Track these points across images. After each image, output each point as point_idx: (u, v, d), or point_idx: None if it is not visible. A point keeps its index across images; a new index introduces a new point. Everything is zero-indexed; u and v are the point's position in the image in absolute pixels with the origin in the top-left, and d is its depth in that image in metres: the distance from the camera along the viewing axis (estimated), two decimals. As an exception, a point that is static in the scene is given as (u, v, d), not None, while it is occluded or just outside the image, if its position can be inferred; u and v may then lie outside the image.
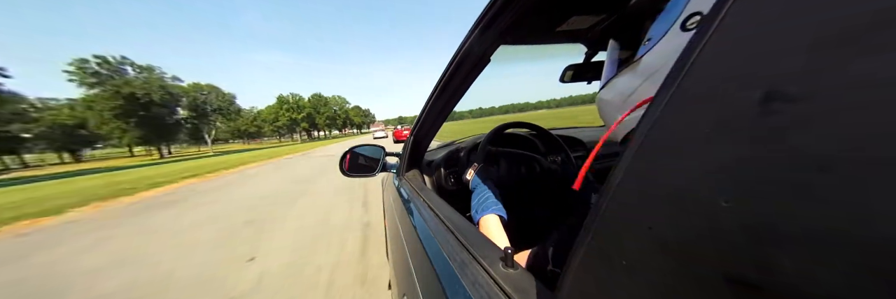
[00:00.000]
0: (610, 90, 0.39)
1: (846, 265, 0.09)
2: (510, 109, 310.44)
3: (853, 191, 0.09)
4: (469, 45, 0.59)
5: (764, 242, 0.11)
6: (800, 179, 0.10)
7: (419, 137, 0.98)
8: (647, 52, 0.32)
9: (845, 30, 0.10)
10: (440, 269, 0.43)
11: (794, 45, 0.11)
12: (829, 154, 0.10)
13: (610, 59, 0.43)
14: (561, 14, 0.59)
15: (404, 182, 1.02)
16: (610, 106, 0.38)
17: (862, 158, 0.09)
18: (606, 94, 0.40)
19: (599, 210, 0.18)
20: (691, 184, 0.14)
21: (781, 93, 0.11)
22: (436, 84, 0.75)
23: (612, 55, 0.43)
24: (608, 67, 0.43)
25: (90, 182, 9.79)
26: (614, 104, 0.37)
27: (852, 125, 0.09)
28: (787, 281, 0.11)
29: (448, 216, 0.58)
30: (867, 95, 0.09)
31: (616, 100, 0.37)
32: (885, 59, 0.09)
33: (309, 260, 2.07)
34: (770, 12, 0.12)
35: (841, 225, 0.09)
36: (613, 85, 0.38)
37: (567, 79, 1.03)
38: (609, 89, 0.39)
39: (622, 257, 0.17)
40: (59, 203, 5.56)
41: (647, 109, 0.16)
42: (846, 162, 0.09)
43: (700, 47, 0.14)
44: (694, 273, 0.14)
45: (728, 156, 0.12)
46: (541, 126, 1.02)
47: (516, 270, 0.35)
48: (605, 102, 0.40)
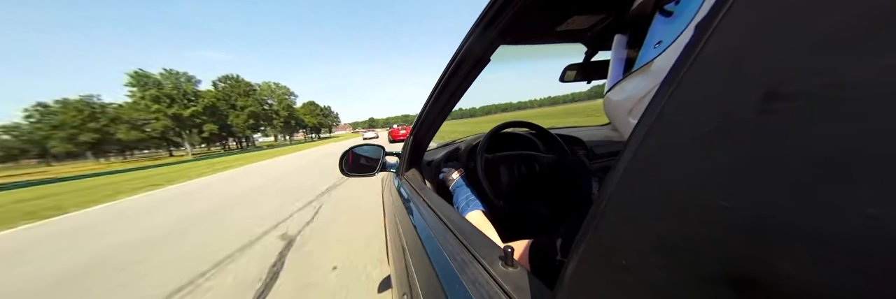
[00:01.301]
0: (620, 92, 0.39)
1: (847, 265, 0.09)
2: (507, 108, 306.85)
3: (853, 191, 0.09)
4: (469, 44, 0.59)
5: (764, 242, 0.11)
6: (800, 179, 0.10)
7: (419, 137, 0.98)
8: (660, 54, 0.32)
9: (846, 29, 0.10)
10: (440, 268, 0.44)
11: (794, 45, 0.11)
12: (830, 154, 0.10)
13: (616, 59, 0.43)
14: (561, 14, 0.59)
15: (404, 181, 1.02)
16: (619, 107, 0.38)
17: (862, 158, 0.09)
18: (616, 96, 0.39)
19: (599, 210, 0.18)
20: (691, 183, 0.14)
21: (782, 92, 0.11)
22: (436, 84, 0.75)
23: (618, 55, 0.42)
24: (615, 68, 0.42)
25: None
26: (624, 106, 0.37)
27: (852, 125, 0.09)
28: (787, 281, 0.11)
29: (448, 215, 0.58)
30: (867, 95, 0.09)
31: (626, 102, 0.37)
32: (886, 59, 0.09)
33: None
34: (770, 12, 0.12)
35: (841, 226, 0.09)
36: (623, 87, 0.38)
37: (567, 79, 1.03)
38: (619, 91, 0.39)
39: (622, 257, 0.17)
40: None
41: (647, 109, 0.16)
42: (846, 162, 0.09)
43: (700, 47, 0.14)
44: (694, 273, 0.14)
45: (728, 156, 0.12)
46: (540, 125, 1.02)
47: (516, 269, 0.35)
48: (615, 103, 0.40)
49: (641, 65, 0.35)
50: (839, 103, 0.10)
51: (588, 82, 1.02)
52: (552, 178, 0.89)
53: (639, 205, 0.16)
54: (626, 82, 0.37)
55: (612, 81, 0.42)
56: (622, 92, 0.38)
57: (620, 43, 0.43)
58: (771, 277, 0.11)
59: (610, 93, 0.41)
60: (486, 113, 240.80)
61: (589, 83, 1.02)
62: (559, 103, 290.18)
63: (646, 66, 0.34)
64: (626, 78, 0.38)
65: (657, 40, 0.33)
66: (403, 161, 1.09)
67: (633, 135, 0.17)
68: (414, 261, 0.56)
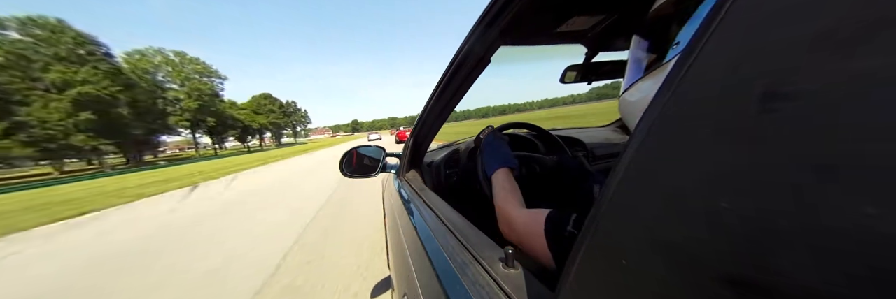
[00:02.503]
0: (635, 92, 0.39)
1: (846, 265, 0.09)
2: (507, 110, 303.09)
3: (853, 191, 0.09)
4: (469, 45, 0.59)
5: (763, 242, 0.11)
6: (799, 179, 0.10)
7: (419, 138, 0.98)
8: (676, 55, 0.32)
9: (845, 29, 0.10)
10: (440, 269, 0.43)
11: (794, 45, 0.11)
12: (829, 154, 0.10)
13: (633, 60, 0.43)
14: (561, 15, 0.59)
15: (404, 182, 1.02)
16: (635, 107, 0.38)
17: (862, 158, 0.09)
18: (631, 97, 0.39)
19: (599, 210, 0.18)
20: (691, 184, 0.14)
21: (781, 93, 0.11)
22: (436, 85, 0.76)
23: (635, 55, 0.42)
24: (632, 69, 0.42)
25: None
26: (640, 106, 0.37)
27: (852, 125, 0.09)
28: (787, 281, 0.11)
29: (448, 216, 0.58)
30: (867, 95, 0.09)
31: (641, 102, 0.37)
32: (885, 59, 0.09)
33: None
34: (769, 12, 0.12)
35: (841, 226, 0.09)
36: (639, 87, 0.38)
37: (568, 80, 1.03)
38: (635, 91, 0.39)
39: (622, 257, 0.17)
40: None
41: (648, 109, 0.16)
42: (846, 162, 0.09)
43: (700, 47, 0.14)
44: (694, 273, 0.14)
45: (728, 157, 0.12)
46: (540, 126, 1.01)
47: (516, 270, 0.35)
48: (630, 104, 0.40)
49: (659, 64, 0.35)
50: (839, 103, 0.10)
51: (588, 83, 1.02)
52: (553, 180, 0.89)
53: (639, 206, 0.16)
54: (642, 83, 0.38)
55: (629, 82, 0.42)
56: (638, 92, 0.38)
57: (638, 44, 0.42)
58: (770, 277, 0.11)
59: (626, 94, 0.41)
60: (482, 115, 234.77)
61: (589, 84, 1.02)
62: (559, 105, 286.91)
63: (661, 66, 0.34)
64: (642, 78, 0.38)
65: (676, 41, 0.33)
66: (404, 162, 1.09)
67: (634, 136, 0.17)
68: (414, 262, 0.56)
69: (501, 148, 0.70)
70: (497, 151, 0.69)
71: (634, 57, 0.42)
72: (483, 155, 0.72)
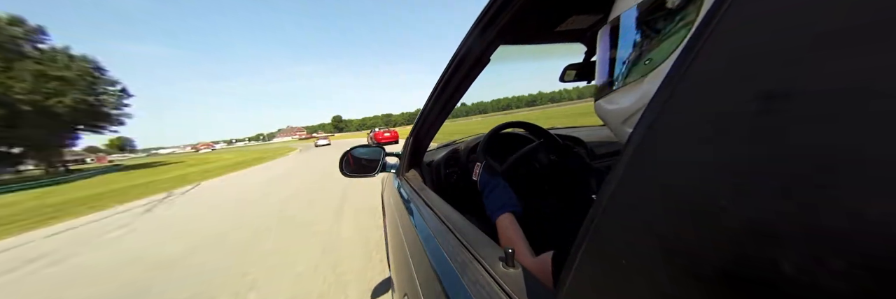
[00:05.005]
0: (612, 102, 0.36)
1: (846, 265, 0.09)
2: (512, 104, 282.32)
3: (852, 191, 0.09)
4: (468, 45, 0.59)
5: (763, 242, 0.11)
6: (799, 179, 0.10)
7: (419, 137, 0.98)
8: (651, 73, 0.30)
9: (843, 29, 0.10)
10: (440, 269, 0.44)
11: (792, 45, 0.11)
12: (828, 153, 0.10)
13: (601, 60, 0.39)
14: (560, 14, 0.59)
15: (404, 182, 1.02)
16: (613, 115, 0.36)
17: (861, 158, 0.09)
18: (609, 105, 0.37)
19: (599, 210, 0.18)
20: (691, 183, 0.14)
21: (780, 92, 0.11)
22: (436, 84, 0.75)
23: (603, 55, 0.39)
24: (601, 68, 0.39)
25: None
26: (618, 115, 0.35)
27: (851, 124, 0.09)
28: (787, 281, 0.11)
29: (448, 216, 0.58)
30: (866, 95, 0.09)
31: (620, 111, 0.34)
32: (884, 59, 0.09)
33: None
34: (768, 12, 0.12)
35: (841, 226, 0.09)
36: (614, 99, 0.36)
37: (567, 79, 1.03)
38: (611, 101, 0.36)
39: (622, 257, 0.17)
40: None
41: (647, 110, 0.16)
42: (845, 161, 0.09)
43: (699, 47, 0.14)
44: (694, 273, 0.14)
45: (727, 156, 0.12)
46: (539, 125, 1.01)
47: (516, 270, 0.35)
48: (608, 111, 0.37)
49: (632, 79, 0.33)
50: (838, 103, 0.10)
51: (588, 82, 1.01)
52: (553, 179, 0.89)
53: (639, 206, 0.16)
54: (618, 95, 0.35)
55: (600, 82, 0.39)
56: (613, 103, 0.36)
57: (605, 41, 0.39)
58: (770, 277, 0.11)
59: (602, 101, 0.38)
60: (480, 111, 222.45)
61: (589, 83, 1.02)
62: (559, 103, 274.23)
63: (637, 81, 0.32)
64: (618, 91, 0.36)
65: (647, 58, 0.31)
66: (403, 161, 1.09)
67: (634, 136, 0.17)
68: (414, 262, 0.56)
69: (499, 188, 0.68)
70: (496, 193, 0.67)
71: (602, 57, 0.39)
72: (483, 196, 0.70)
